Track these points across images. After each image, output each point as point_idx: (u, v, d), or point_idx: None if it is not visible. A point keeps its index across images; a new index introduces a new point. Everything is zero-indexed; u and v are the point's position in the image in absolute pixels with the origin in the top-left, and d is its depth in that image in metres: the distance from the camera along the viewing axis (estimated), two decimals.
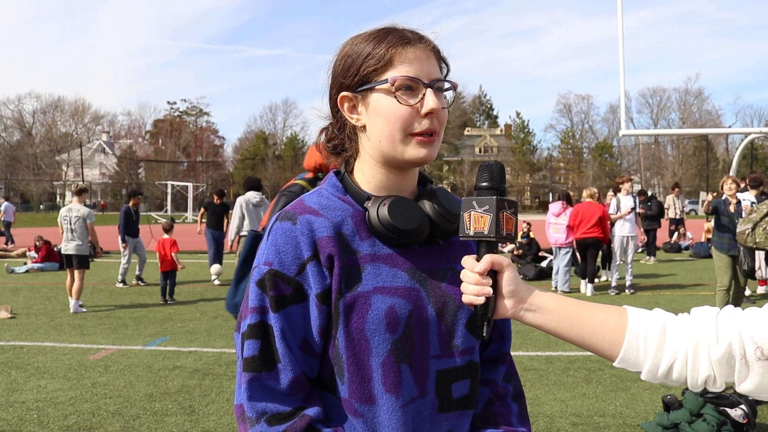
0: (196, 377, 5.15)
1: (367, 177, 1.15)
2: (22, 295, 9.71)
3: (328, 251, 1.06)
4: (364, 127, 1.12)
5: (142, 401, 4.53)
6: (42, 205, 62.42)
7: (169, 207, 53.37)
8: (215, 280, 10.87)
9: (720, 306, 3.42)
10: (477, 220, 1.02)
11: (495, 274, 1.03)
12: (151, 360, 5.72)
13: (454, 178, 64.36)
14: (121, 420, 4.15)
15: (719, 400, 3.83)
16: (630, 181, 10.11)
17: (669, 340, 0.96)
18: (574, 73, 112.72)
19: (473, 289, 1.01)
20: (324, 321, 1.07)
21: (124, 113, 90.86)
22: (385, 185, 1.14)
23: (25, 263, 13.48)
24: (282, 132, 77.72)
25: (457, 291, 1.12)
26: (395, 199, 1.10)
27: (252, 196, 8.76)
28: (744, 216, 5.90)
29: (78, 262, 8.33)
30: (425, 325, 1.10)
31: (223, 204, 11.48)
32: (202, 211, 11.77)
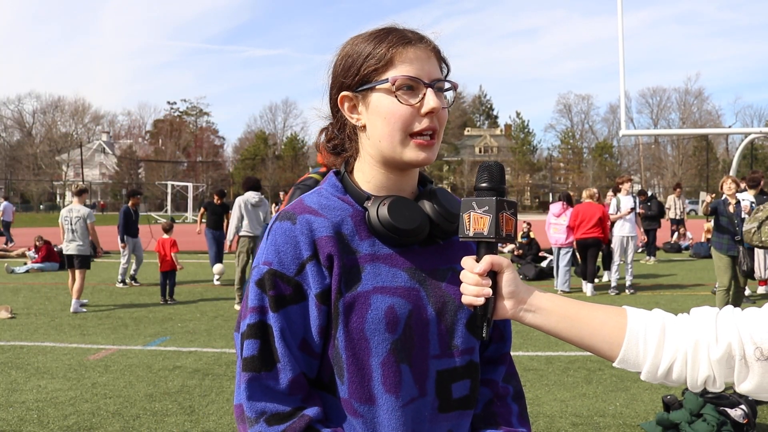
0: (196, 377, 5.15)
1: (367, 177, 1.15)
2: (22, 295, 9.71)
3: (327, 251, 1.06)
4: (364, 126, 1.12)
5: (142, 401, 4.53)
6: (42, 205, 62.41)
7: (169, 207, 53.32)
8: (217, 281, 10.87)
9: (720, 306, 3.43)
10: (477, 221, 1.02)
11: (495, 275, 1.03)
12: (151, 360, 5.72)
13: (454, 178, 64.30)
14: (121, 420, 4.15)
15: (719, 400, 3.83)
16: (630, 182, 10.11)
17: (668, 340, 0.96)
18: (574, 73, 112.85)
19: (473, 290, 1.01)
20: (323, 321, 1.07)
21: (124, 113, 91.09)
22: (384, 185, 1.14)
23: (25, 263, 13.48)
24: (282, 132, 77.68)
25: (456, 291, 1.12)
26: (395, 198, 1.10)
27: (251, 196, 8.75)
28: (747, 215, 5.91)
29: (79, 263, 8.35)
30: (425, 325, 1.10)
31: (223, 204, 11.45)
32: (202, 211, 11.75)
